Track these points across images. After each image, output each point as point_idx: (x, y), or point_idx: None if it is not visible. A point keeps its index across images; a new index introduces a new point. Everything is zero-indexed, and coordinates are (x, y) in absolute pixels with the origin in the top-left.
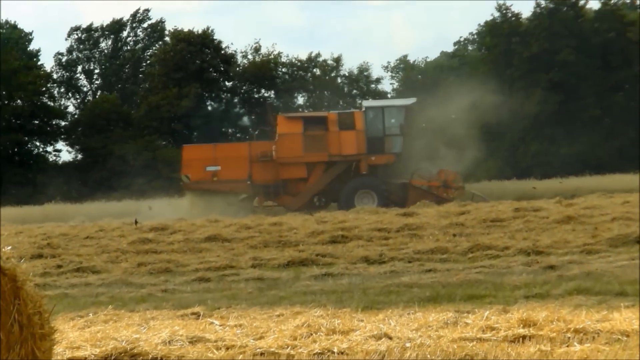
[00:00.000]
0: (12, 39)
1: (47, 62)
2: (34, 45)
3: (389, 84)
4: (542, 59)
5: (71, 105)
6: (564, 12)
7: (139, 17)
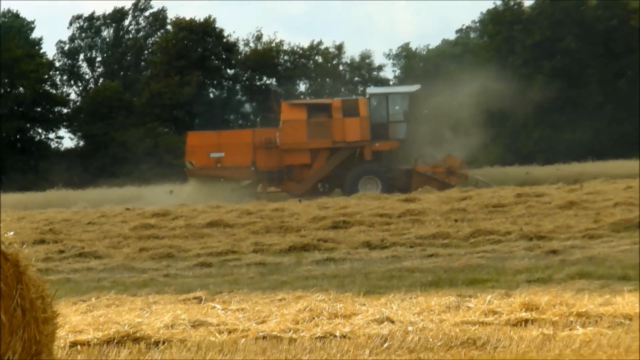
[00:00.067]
0: (14, 27)
1: (49, 51)
2: (36, 33)
3: (391, 72)
4: (544, 46)
5: (73, 92)
6: None
7: (140, 5)
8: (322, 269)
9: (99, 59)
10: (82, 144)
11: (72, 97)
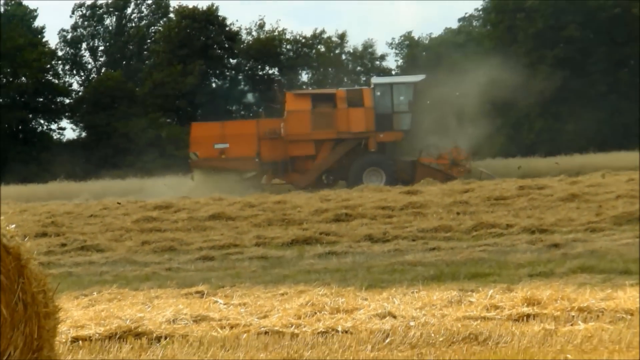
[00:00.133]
0: (16, 15)
1: (51, 39)
2: (39, 22)
3: (393, 61)
4: (547, 35)
5: (75, 82)
6: None
7: None
8: (324, 263)
9: (101, 48)
10: (84, 134)
11: (75, 87)
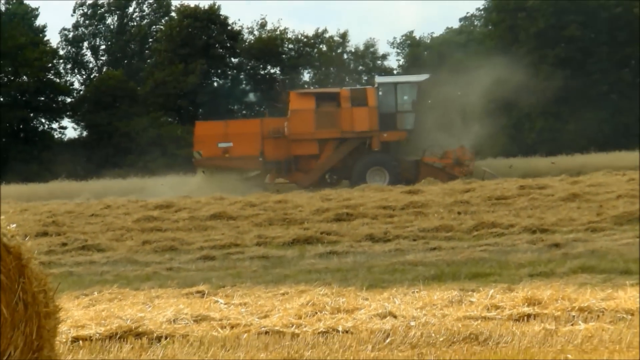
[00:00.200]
0: (18, 14)
1: (53, 38)
2: (40, 20)
3: (395, 60)
4: (548, 34)
5: (77, 81)
6: None
7: None
8: (325, 263)
9: (102, 47)
10: (85, 133)
11: (76, 86)
